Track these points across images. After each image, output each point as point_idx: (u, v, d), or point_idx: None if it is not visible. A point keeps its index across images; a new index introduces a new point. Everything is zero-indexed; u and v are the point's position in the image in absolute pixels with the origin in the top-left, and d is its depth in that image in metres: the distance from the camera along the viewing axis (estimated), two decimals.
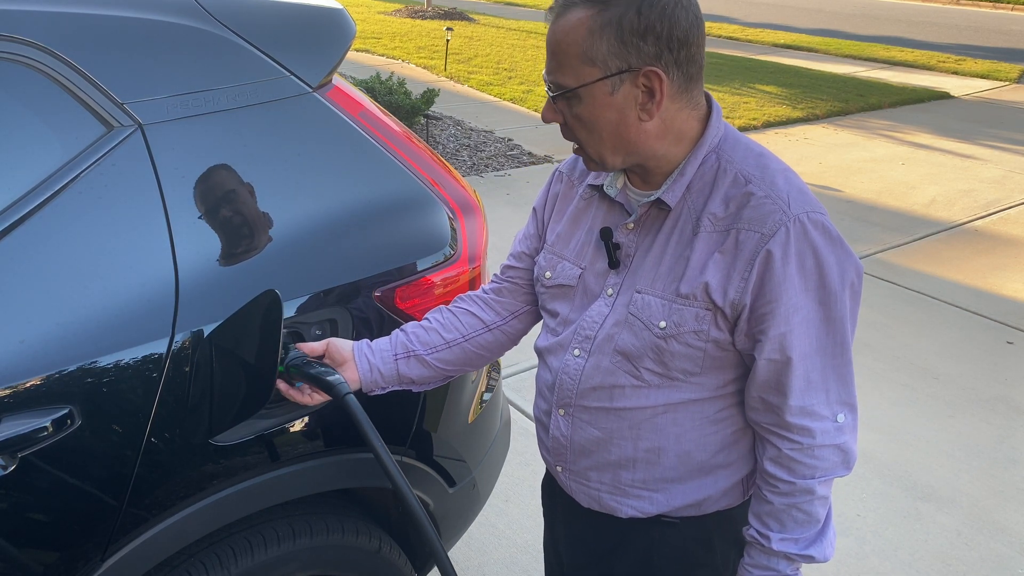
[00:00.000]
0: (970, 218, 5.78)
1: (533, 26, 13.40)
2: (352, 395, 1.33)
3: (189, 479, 1.39)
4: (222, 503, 1.44)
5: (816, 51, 12.85)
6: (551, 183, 1.42)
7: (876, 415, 3.38)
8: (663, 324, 1.19)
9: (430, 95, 6.33)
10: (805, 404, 1.17)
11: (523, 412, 3.25)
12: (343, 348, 1.42)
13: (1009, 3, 22.30)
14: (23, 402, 1.21)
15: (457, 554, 2.52)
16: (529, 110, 8.07)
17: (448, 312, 1.48)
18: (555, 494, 1.48)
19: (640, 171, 1.24)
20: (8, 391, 1.20)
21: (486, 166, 6.37)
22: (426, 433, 1.72)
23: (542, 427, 1.40)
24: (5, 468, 1.20)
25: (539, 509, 1.59)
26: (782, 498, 1.21)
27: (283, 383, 1.38)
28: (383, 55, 10.40)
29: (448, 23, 12.50)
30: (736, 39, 13.80)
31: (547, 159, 6.60)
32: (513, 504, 2.77)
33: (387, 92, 6.18)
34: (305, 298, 1.48)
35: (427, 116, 6.76)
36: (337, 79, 1.66)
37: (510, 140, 7.03)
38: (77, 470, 1.28)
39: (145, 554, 1.38)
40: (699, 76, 1.17)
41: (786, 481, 1.20)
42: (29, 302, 1.24)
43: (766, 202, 1.14)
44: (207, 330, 1.36)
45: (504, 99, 8.47)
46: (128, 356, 1.29)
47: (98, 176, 1.31)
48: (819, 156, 7.14)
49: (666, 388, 1.23)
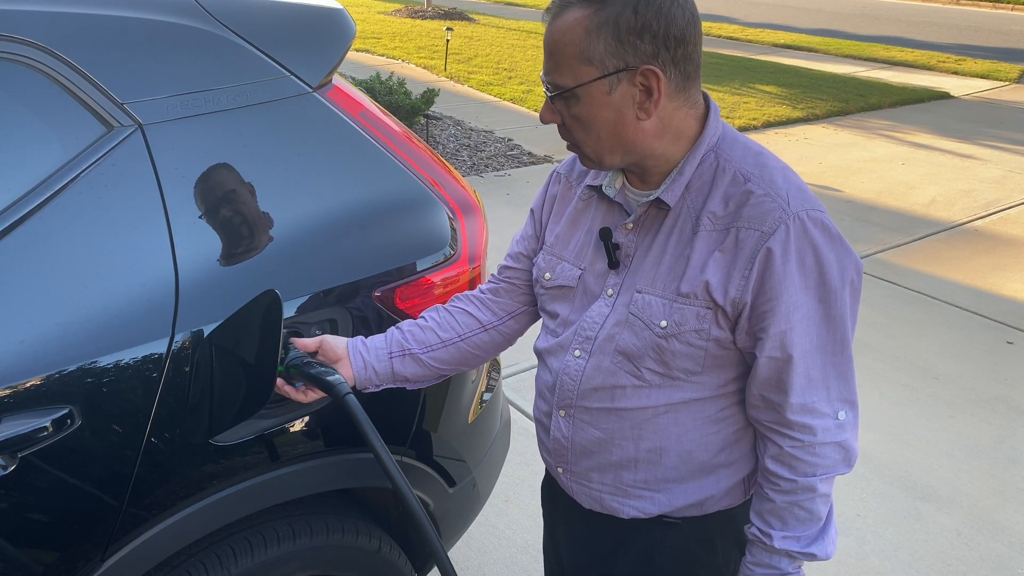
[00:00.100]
0: (970, 218, 5.78)
1: (533, 26, 13.40)
2: (352, 395, 1.33)
3: (189, 479, 1.39)
4: (222, 503, 1.44)
5: (816, 51, 12.85)
6: (549, 184, 1.42)
7: (876, 415, 3.38)
8: (664, 323, 1.19)
9: (430, 95, 6.34)
10: (806, 401, 1.18)
11: (523, 412, 3.25)
12: (337, 346, 1.41)
13: (1009, 3, 22.30)
14: (23, 402, 1.21)
15: (457, 554, 2.52)
16: (529, 110, 8.07)
17: (444, 311, 1.48)
18: (555, 495, 1.48)
19: (638, 171, 1.24)
20: (8, 391, 1.20)
21: (486, 166, 6.36)
22: (426, 433, 1.72)
23: (542, 429, 1.40)
24: (5, 468, 1.20)
25: (539, 509, 1.59)
26: (784, 496, 1.21)
27: (285, 387, 1.38)
28: (383, 55, 10.40)
29: (448, 23, 12.50)
30: (736, 39, 13.80)
31: (547, 159, 6.60)
32: (513, 504, 2.77)
33: (387, 92, 6.18)
34: (305, 298, 1.48)
35: (427, 116, 6.76)
36: (337, 79, 1.66)
37: (510, 140, 7.03)
38: (77, 470, 1.28)
39: (145, 554, 1.38)
40: (696, 75, 1.17)
41: (788, 479, 1.20)
42: (29, 302, 1.24)
43: (765, 200, 1.14)
44: (207, 330, 1.36)
45: (504, 99, 8.47)
46: (128, 356, 1.29)
47: (98, 176, 1.31)
48: (819, 156, 7.14)
49: (667, 388, 1.23)
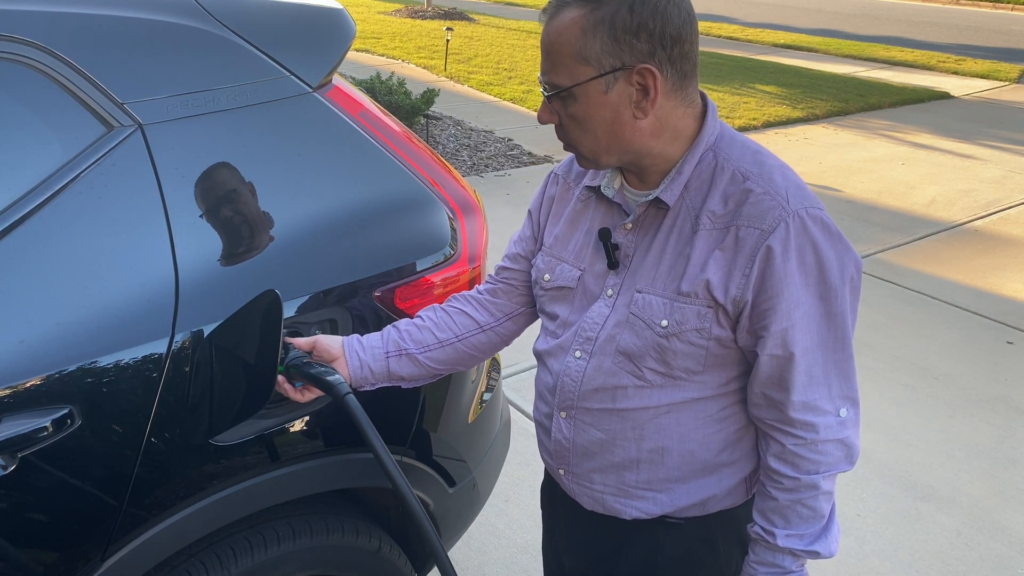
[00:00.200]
0: (970, 218, 5.78)
1: (533, 26, 13.40)
2: (352, 395, 1.33)
3: (189, 479, 1.39)
4: (222, 503, 1.44)
5: (816, 51, 12.84)
6: (546, 185, 1.42)
7: (876, 415, 3.38)
8: (665, 323, 1.19)
9: (430, 95, 6.33)
10: (808, 399, 1.18)
11: (523, 412, 3.25)
12: (332, 345, 1.41)
13: (1009, 3, 22.30)
14: (23, 402, 1.21)
15: (457, 554, 2.52)
16: (529, 110, 8.07)
17: (442, 311, 1.48)
18: (556, 497, 1.47)
19: (637, 170, 1.24)
20: (8, 391, 1.20)
21: (486, 166, 6.36)
22: (426, 433, 1.71)
23: (543, 431, 1.39)
24: (5, 468, 1.20)
25: (540, 509, 1.59)
26: (786, 494, 1.21)
27: (284, 385, 1.38)
28: (383, 55, 10.40)
29: (448, 23, 12.50)
30: (736, 39, 13.80)
31: (547, 159, 6.60)
32: (513, 504, 2.77)
33: (387, 92, 6.18)
34: (305, 298, 1.48)
35: (427, 116, 6.75)
36: (337, 79, 1.66)
37: (510, 140, 7.03)
38: (77, 470, 1.28)
39: (145, 554, 1.38)
40: (693, 74, 1.17)
41: (790, 477, 1.20)
42: (29, 302, 1.24)
43: (765, 198, 1.14)
44: (207, 330, 1.36)
45: (504, 99, 8.47)
46: (128, 356, 1.29)
47: (98, 176, 1.31)
48: (819, 156, 7.14)
49: (669, 388, 1.23)
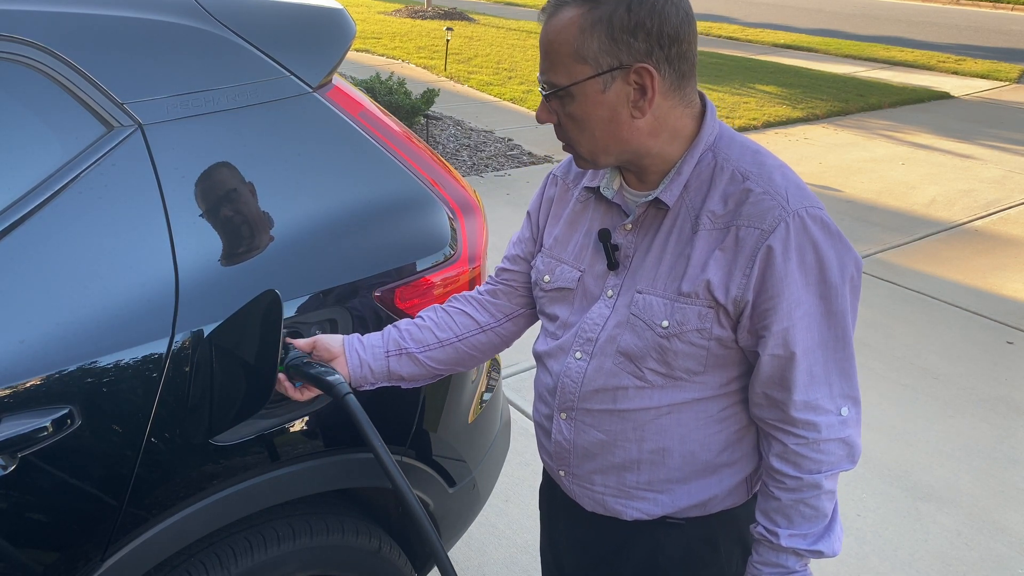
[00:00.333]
0: (970, 218, 5.78)
1: (533, 26, 13.40)
2: (352, 395, 1.33)
3: (189, 479, 1.39)
4: (222, 503, 1.44)
5: (816, 51, 12.84)
6: (545, 187, 1.42)
7: (876, 415, 3.38)
8: (665, 323, 1.19)
9: (430, 95, 6.33)
10: (809, 399, 1.18)
11: (523, 412, 3.25)
12: (332, 344, 1.41)
13: (1009, 3, 22.30)
14: (23, 402, 1.21)
15: (457, 554, 2.52)
16: (529, 110, 8.06)
17: (442, 311, 1.48)
18: (555, 499, 1.47)
19: (636, 170, 1.24)
20: (8, 391, 1.20)
21: (486, 166, 6.36)
22: (426, 433, 1.71)
23: (543, 432, 1.39)
24: (5, 468, 1.20)
25: (538, 510, 1.59)
26: (789, 494, 1.21)
27: (284, 383, 1.38)
28: (383, 55, 10.40)
29: (448, 23, 12.50)
30: (736, 39, 13.80)
31: (547, 159, 6.60)
32: (513, 504, 2.77)
33: (387, 92, 6.18)
34: (305, 298, 1.48)
35: (427, 116, 6.75)
36: (337, 79, 1.66)
37: (510, 140, 7.03)
38: (77, 470, 1.28)
39: (145, 554, 1.38)
40: (692, 74, 1.17)
41: (793, 477, 1.20)
42: (29, 302, 1.24)
43: (765, 198, 1.14)
44: (207, 330, 1.36)
45: (504, 99, 8.47)
46: (128, 356, 1.29)
47: (98, 176, 1.31)
48: (819, 156, 7.14)
49: (670, 388, 1.23)
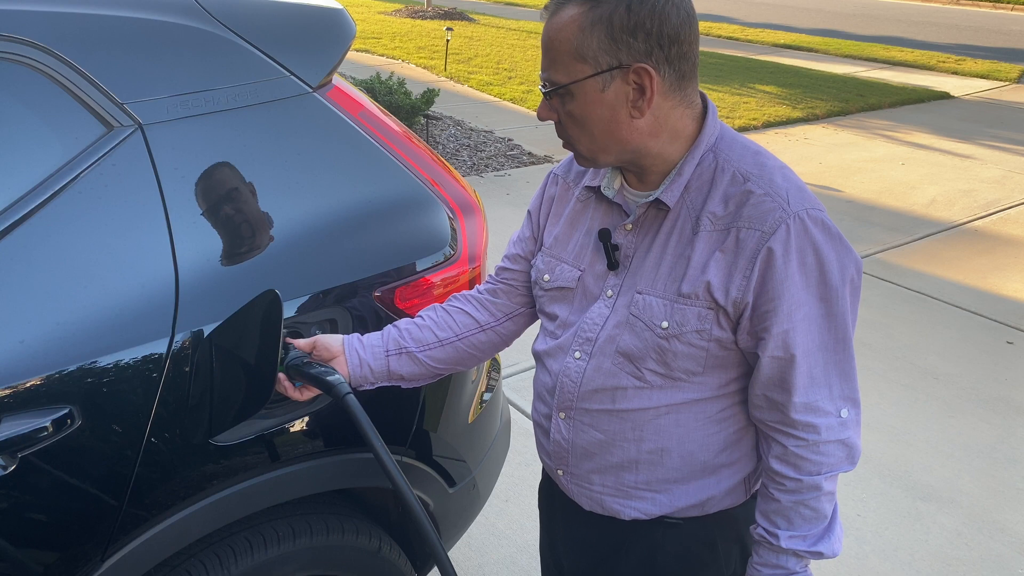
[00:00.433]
0: (970, 218, 5.78)
1: (533, 26, 13.40)
2: (352, 395, 1.33)
3: (189, 479, 1.39)
4: (222, 503, 1.44)
5: (816, 51, 12.84)
6: (546, 185, 1.42)
7: (876, 415, 3.38)
8: (665, 324, 1.19)
9: (430, 95, 6.33)
10: (809, 400, 1.18)
11: (523, 412, 3.25)
12: (332, 344, 1.41)
13: (1009, 3, 22.30)
14: (23, 402, 1.21)
15: (457, 554, 2.52)
16: (529, 110, 8.06)
17: (442, 310, 1.48)
18: (554, 498, 1.47)
19: (636, 170, 1.24)
20: (8, 391, 1.20)
21: (486, 166, 6.36)
22: (426, 433, 1.71)
23: (542, 431, 1.39)
24: (5, 468, 1.20)
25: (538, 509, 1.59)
26: (789, 496, 1.21)
27: (284, 383, 1.38)
28: (383, 55, 10.40)
29: (448, 23, 12.50)
30: (736, 39, 13.80)
31: (547, 159, 6.60)
32: (513, 504, 2.77)
33: (387, 92, 6.17)
34: (305, 298, 1.48)
35: (427, 116, 6.75)
36: (337, 79, 1.66)
37: (510, 140, 7.03)
38: (77, 470, 1.28)
39: (145, 554, 1.38)
40: (693, 74, 1.17)
41: (793, 478, 1.20)
42: (29, 302, 1.23)
43: (766, 200, 1.14)
44: (207, 330, 1.36)
45: (504, 99, 8.47)
46: (128, 356, 1.29)
47: (98, 176, 1.31)
48: (819, 156, 7.14)
49: (669, 389, 1.23)
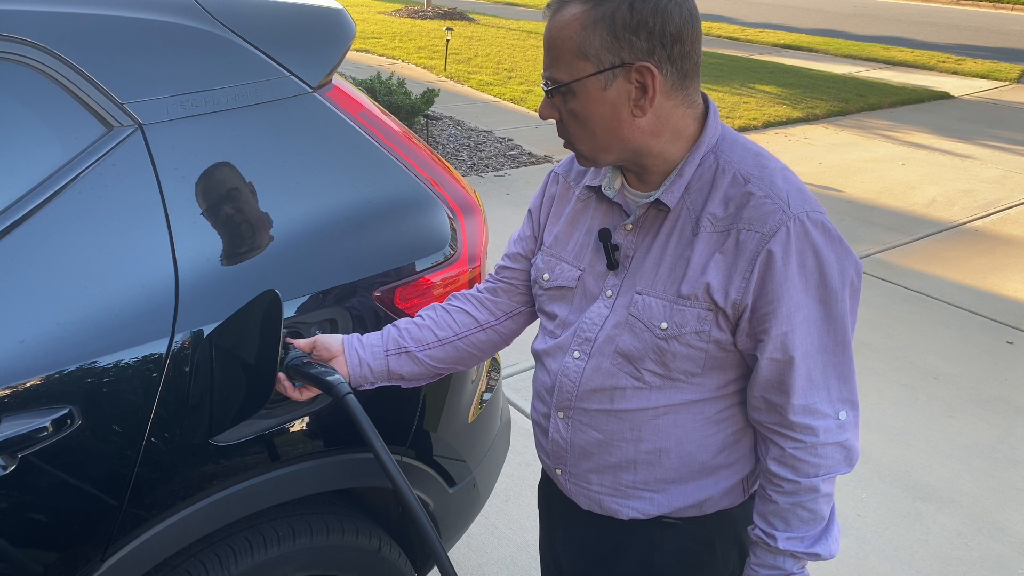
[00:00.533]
0: (970, 218, 5.78)
1: (533, 26, 13.40)
2: (352, 395, 1.33)
3: (189, 479, 1.39)
4: (222, 503, 1.44)
5: (816, 51, 12.84)
6: (547, 184, 1.42)
7: (876, 415, 3.38)
8: (664, 325, 1.19)
9: (430, 95, 6.33)
10: (808, 403, 1.18)
11: (523, 412, 3.25)
12: (331, 343, 1.41)
13: (1009, 3, 22.30)
14: (23, 402, 1.21)
15: (457, 554, 2.52)
16: (529, 110, 8.06)
17: (442, 309, 1.47)
18: (552, 497, 1.47)
19: (637, 170, 1.23)
20: (8, 391, 1.20)
21: (486, 166, 6.36)
22: (426, 433, 1.71)
23: (540, 430, 1.39)
24: (5, 468, 1.20)
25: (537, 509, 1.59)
26: (787, 497, 1.21)
27: (284, 382, 1.38)
28: (383, 55, 10.40)
29: (448, 23, 12.50)
30: (736, 39, 13.80)
31: (547, 159, 6.60)
32: (513, 504, 2.77)
33: (387, 92, 6.17)
34: (305, 298, 1.48)
35: (427, 116, 6.75)
36: (337, 79, 1.66)
37: (510, 140, 7.03)
38: (77, 470, 1.28)
39: (145, 554, 1.38)
40: (695, 73, 1.17)
41: (790, 480, 1.20)
42: (29, 302, 1.24)
43: (766, 202, 1.14)
44: (207, 330, 1.36)
45: (504, 99, 8.47)
46: (128, 356, 1.29)
47: (98, 176, 1.31)
48: (819, 156, 7.14)
49: (667, 389, 1.23)
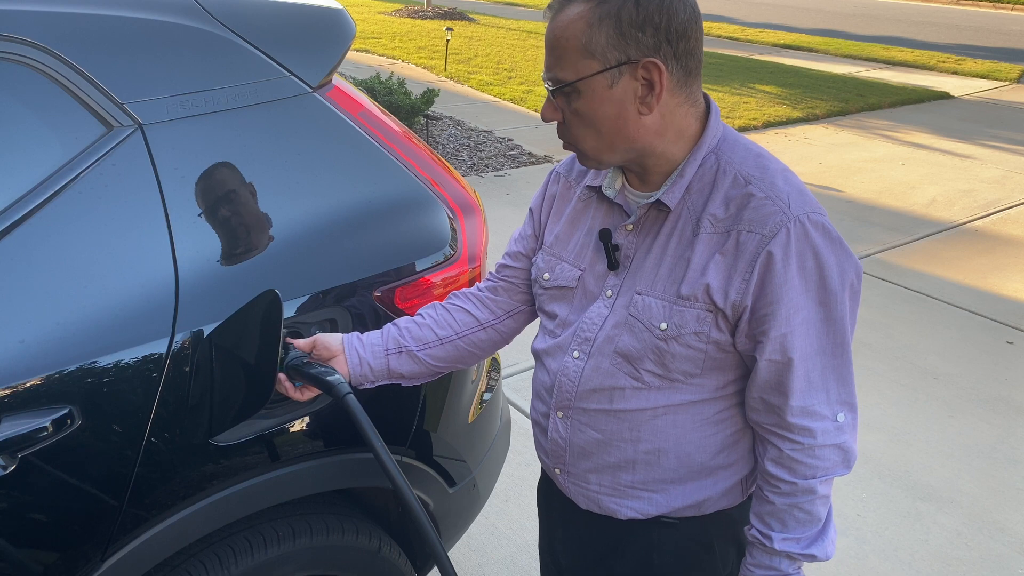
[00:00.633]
0: (970, 218, 5.78)
1: (533, 26, 13.40)
2: (352, 395, 1.33)
3: (189, 479, 1.39)
4: (222, 503, 1.44)
5: (816, 51, 12.84)
6: (548, 184, 1.42)
7: (876, 415, 3.38)
8: (664, 326, 1.19)
9: (430, 95, 6.33)
10: (806, 404, 1.18)
11: (523, 412, 3.25)
12: (331, 343, 1.41)
13: (1009, 3, 22.30)
14: (23, 402, 1.21)
15: (457, 554, 2.52)
16: (529, 110, 8.06)
17: (442, 308, 1.47)
18: (552, 496, 1.47)
19: (639, 171, 1.23)
20: (8, 391, 1.20)
21: (486, 166, 6.36)
22: (426, 433, 1.71)
23: (540, 430, 1.39)
24: (5, 468, 1.20)
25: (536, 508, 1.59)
26: (784, 498, 1.21)
27: (284, 382, 1.38)
28: (383, 55, 10.40)
29: (448, 23, 12.50)
30: (736, 39, 13.80)
31: (547, 159, 6.60)
32: (513, 504, 2.77)
33: (387, 92, 6.17)
34: (305, 298, 1.48)
35: (427, 116, 6.75)
36: (337, 79, 1.66)
37: (510, 140, 7.03)
38: (77, 470, 1.28)
39: (145, 554, 1.38)
40: (698, 71, 1.17)
41: (788, 481, 1.20)
42: (29, 302, 1.24)
43: (767, 203, 1.14)
44: (207, 330, 1.36)
45: (504, 99, 8.47)
46: (128, 356, 1.29)
47: (98, 176, 1.31)
48: (819, 156, 7.14)
49: (666, 390, 1.23)
